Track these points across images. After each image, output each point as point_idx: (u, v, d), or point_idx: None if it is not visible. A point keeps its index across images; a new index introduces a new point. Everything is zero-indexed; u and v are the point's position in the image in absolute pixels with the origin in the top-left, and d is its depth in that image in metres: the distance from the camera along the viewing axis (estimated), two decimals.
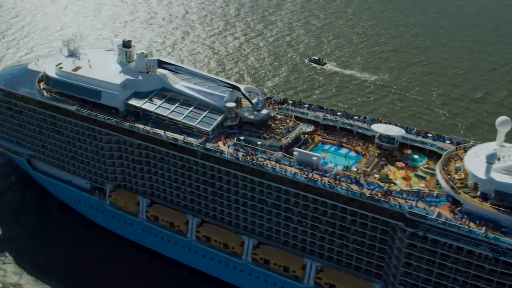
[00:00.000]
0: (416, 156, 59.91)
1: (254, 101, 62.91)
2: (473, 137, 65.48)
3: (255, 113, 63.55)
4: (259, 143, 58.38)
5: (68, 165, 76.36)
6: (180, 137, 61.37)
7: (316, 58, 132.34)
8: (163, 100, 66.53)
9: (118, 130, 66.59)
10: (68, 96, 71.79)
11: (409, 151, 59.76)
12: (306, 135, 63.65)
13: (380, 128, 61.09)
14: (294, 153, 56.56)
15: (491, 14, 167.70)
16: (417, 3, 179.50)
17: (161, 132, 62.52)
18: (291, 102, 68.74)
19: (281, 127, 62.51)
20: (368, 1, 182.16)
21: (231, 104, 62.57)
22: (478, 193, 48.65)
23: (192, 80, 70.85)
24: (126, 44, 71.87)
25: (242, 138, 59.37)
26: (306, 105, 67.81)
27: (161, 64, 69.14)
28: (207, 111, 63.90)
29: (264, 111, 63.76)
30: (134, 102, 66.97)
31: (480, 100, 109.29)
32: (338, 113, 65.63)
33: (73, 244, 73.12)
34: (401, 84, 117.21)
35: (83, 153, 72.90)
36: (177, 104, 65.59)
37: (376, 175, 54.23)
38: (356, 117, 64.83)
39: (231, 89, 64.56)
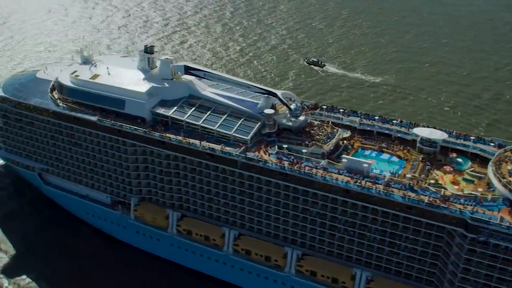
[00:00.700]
0: (460, 160, 58.85)
1: (292, 107, 61.11)
2: (493, 136, 64.67)
3: (293, 119, 61.60)
4: (304, 151, 56.49)
5: (86, 179, 72.36)
6: (217, 146, 58.77)
7: (315, 59, 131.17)
8: (193, 108, 63.55)
9: (146, 140, 63.21)
10: (86, 105, 68.05)
11: (454, 155, 58.85)
12: (344, 141, 62.29)
13: (423, 132, 59.94)
14: (343, 160, 54.78)
15: (484, 14, 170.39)
16: (409, 4, 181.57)
17: (196, 141, 59.75)
18: (325, 107, 67.16)
19: (320, 133, 60.75)
20: (362, 2, 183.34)
21: (270, 111, 60.15)
22: None
23: (219, 86, 68.64)
24: (149, 50, 68.68)
25: (285, 146, 57.33)
26: (341, 110, 66.14)
27: (188, 70, 66.28)
28: (242, 119, 61.33)
29: (302, 117, 61.76)
30: (161, 110, 63.72)
31: (491, 100, 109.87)
32: (376, 118, 64.33)
33: (94, 262, 69.06)
34: (409, 86, 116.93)
35: (104, 166, 69.20)
36: (209, 112, 62.77)
37: (432, 181, 53.02)
38: (394, 121, 63.73)
39: (266, 95, 62.55)
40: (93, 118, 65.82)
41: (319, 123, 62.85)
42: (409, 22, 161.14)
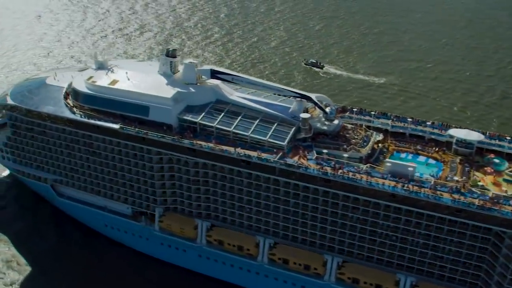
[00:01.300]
0: (497, 160, 58.73)
1: (327, 110, 59.86)
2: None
3: (327, 123, 60.34)
4: (345, 155, 55.27)
5: (104, 189, 69.43)
6: (253, 153, 57.01)
7: (314, 61, 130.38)
8: (223, 113, 61.51)
9: (174, 148, 60.82)
10: (104, 113, 65.33)
11: (492, 155, 58.60)
12: (379, 144, 61.21)
13: (459, 133, 59.47)
14: (387, 164, 53.71)
15: (478, 13, 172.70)
16: (403, 5, 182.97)
17: (230, 148, 57.67)
18: (355, 110, 65.86)
19: (355, 137, 59.60)
20: (356, 3, 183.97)
21: (306, 115, 58.66)
22: None
23: (245, 90, 66.81)
24: (171, 54, 66.43)
25: (325, 151, 55.96)
26: (372, 112, 64.97)
27: (214, 74, 64.29)
28: (275, 124, 59.55)
29: (336, 121, 60.70)
30: (189, 117, 61.46)
31: (499, 98, 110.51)
32: (409, 120, 63.36)
33: (113, 276, 66.35)
34: (416, 87, 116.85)
35: (126, 175, 66.36)
36: (240, 117, 60.79)
37: (479, 183, 52.38)
38: (428, 123, 63.05)
39: (299, 99, 61.17)
40: (115, 126, 63.37)
41: (352, 126, 61.90)
42: (405, 23, 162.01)
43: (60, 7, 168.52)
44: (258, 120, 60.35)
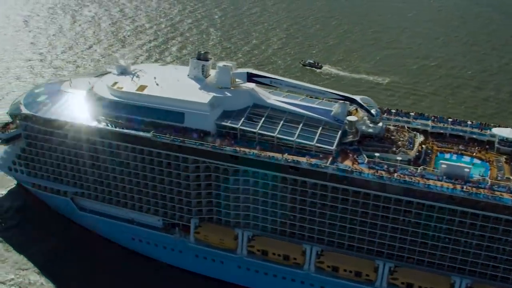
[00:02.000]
0: None
1: (373, 112, 59.12)
2: None
3: (372, 125, 59.52)
4: (399, 158, 54.37)
5: (132, 202, 66.34)
6: (302, 159, 55.71)
7: (311, 61, 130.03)
8: (263, 118, 59.72)
9: (212, 156, 58.86)
10: (132, 120, 62.42)
11: None
12: (422, 146, 60.59)
13: (503, 132, 59.47)
14: (442, 166, 53.15)
15: (466, 11, 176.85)
16: (392, 4, 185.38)
17: (277, 155, 55.71)
18: (393, 111, 65.16)
19: (400, 138, 59.06)
20: (348, 3, 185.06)
21: (353, 118, 57.87)
22: None
23: (280, 93, 65.54)
24: (203, 57, 64.26)
25: (377, 154, 54.80)
26: (412, 113, 64.21)
27: (251, 77, 62.54)
28: (320, 128, 58.26)
29: (380, 123, 59.59)
30: (228, 122, 59.54)
31: (508, 94, 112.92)
32: (449, 120, 63.19)
33: None
34: (423, 86, 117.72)
35: (158, 186, 63.56)
36: (281, 122, 59.13)
37: None
38: (469, 123, 62.95)
39: (343, 101, 60.19)
40: (147, 134, 60.89)
41: (395, 128, 61.42)
42: (399, 22, 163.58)
43: (47, 11, 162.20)
44: (301, 124, 58.87)
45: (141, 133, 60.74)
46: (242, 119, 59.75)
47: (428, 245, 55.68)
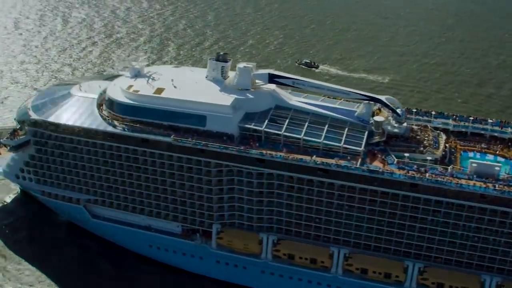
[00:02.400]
0: None
1: (399, 112, 58.89)
2: None
3: (396, 125, 59.31)
4: (429, 158, 54.27)
5: (150, 208, 64.73)
6: (331, 160, 55.20)
7: (308, 61, 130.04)
8: (287, 120, 59.04)
9: (235, 159, 57.74)
10: (150, 124, 60.90)
11: None
12: (446, 145, 60.51)
13: None
14: (472, 164, 53.30)
15: (459, 10, 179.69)
16: (383, 2, 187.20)
17: (305, 157, 55.03)
18: (414, 110, 65.08)
19: (425, 138, 59.24)
20: (339, 3, 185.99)
21: (380, 118, 57.60)
22: None
23: (300, 94, 65.03)
24: (222, 58, 63.34)
25: (406, 155, 54.76)
26: (433, 113, 64.37)
27: (272, 78, 61.87)
28: (346, 129, 57.94)
29: (405, 123, 59.55)
30: (252, 125, 58.57)
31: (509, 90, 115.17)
32: (470, 118, 63.58)
33: None
34: (422, 84, 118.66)
35: (177, 191, 62.17)
36: (306, 123, 58.67)
37: None
38: (490, 121, 63.33)
39: (367, 101, 59.86)
40: (167, 139, 59.49)
41: (418, 127, 61.46)
42: (392, 22, 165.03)
43: (35, 14, 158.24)
44: (327, 126, 58.46)
45: (161, 138, 59.49)
46: (266, 121, 58.89)
47: (457, 244, 55.90)
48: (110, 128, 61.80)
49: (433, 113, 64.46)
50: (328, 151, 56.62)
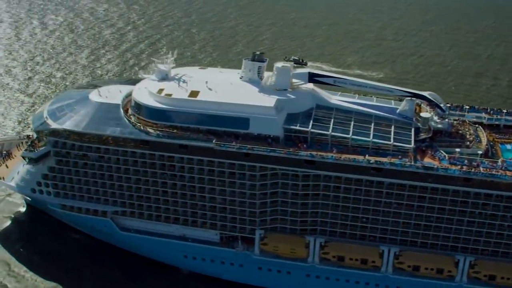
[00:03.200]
0: None
1: (443, 107, 59.97)
2: None
3: (439, 120, 60.07)
4: (479, 152, 55.36)
5: (185, 216, 62.87)
6: (384, 159, 55.14)
7: (296, 58, 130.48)
8: (332, 119, 58.80)
9: (284, 162, 56.69)
10: (186, 129, 59.04)
11: None
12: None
13: None
14: None
15: (437, 5, 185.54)
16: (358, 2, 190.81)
17: (358, 157, 54.86)
18: (449, 105, 66.19)
19: (467, 132, 60.74)
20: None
21: (427, 115, 58.30)
22: None
23: (336, 92, 65.03)
24: (258, 58, 62.04)
25: (457, 150, 55.68)
26: (467, 107, 65.56)
27: (312, 77, 61.37)
28: (392, 126, 58.18)
29: (447, 118, 60.76)
30: (297, 126, 57.74)
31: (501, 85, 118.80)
32: (504, 111, 65.11)
33: None
34: (419, 79, 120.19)
35: (216, 198, 60.57)
36: (352, 122, 58.58)
37: None
38: None
39: (410, 98, 60.15)
40: (209, 144, 57.65)
41: (457, 122, 62.47)
42: (376, 18, 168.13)
43: (9, 18, 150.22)
44: (372, 124, 58.59)
45: (202, 143, 57.76)
46: (311, 121, 58.36)
47: (504, 236, 57.59)
48: (143, 135, 59.58)
49: (466, 107, 66.32)
50: (377, 150, 56.64)
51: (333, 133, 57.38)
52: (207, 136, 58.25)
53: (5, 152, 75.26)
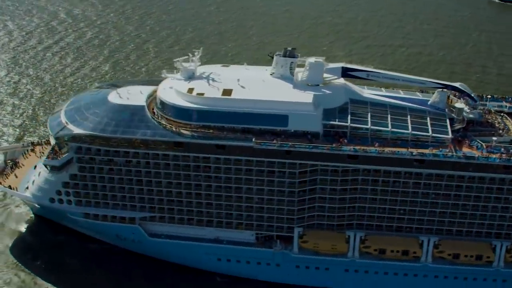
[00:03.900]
0: None
1: (475, 97, 61.85)
2: None
3: (470, 110, 61.71)
4: None
5: (219, 218, 62.01)
6: (425, 150, 56.33)
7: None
8: (369, 113, 59.42)
9: (325, 158, 56.89)
10: (221, 129, 58.17)
11: None
12: None
13: None
14: None
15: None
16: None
17: (401, 149, 55.85)
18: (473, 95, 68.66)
19: (496, 121, 62.76)
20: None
21: (461, 105, 59.97)
22: None
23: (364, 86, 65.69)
24: (290, 54, 61.74)
25: (494, 138, 57.51)
26: (489, 96, 67.43)
27: (346, 71, 61.77)
28: (428, 118, 59.59)
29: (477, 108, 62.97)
30: (336, 121, 58.09)
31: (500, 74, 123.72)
32: None
33: None
34: (412, 72, 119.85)
35: (253, 198, 60.14)
36: (388, 115, 59.40)
37: None
38: None
39: (441, 89, 61.81)
40: (249, 143, 56.77)
41: (484, 111, 64.34)
42: (355, 12, 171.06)
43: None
44: (409, 117, 59.71)
45: (241, 143, 57.03)
46: (349, 116, 58.91)
47: None
48: (177, 137, 57.99)
49: (489, 96, 68.72)
50: (416, 142, 57.94)
51: (372, 127, 58.24)
52: (244, 135, 57.84)
53: (10, 161, 71.45)
